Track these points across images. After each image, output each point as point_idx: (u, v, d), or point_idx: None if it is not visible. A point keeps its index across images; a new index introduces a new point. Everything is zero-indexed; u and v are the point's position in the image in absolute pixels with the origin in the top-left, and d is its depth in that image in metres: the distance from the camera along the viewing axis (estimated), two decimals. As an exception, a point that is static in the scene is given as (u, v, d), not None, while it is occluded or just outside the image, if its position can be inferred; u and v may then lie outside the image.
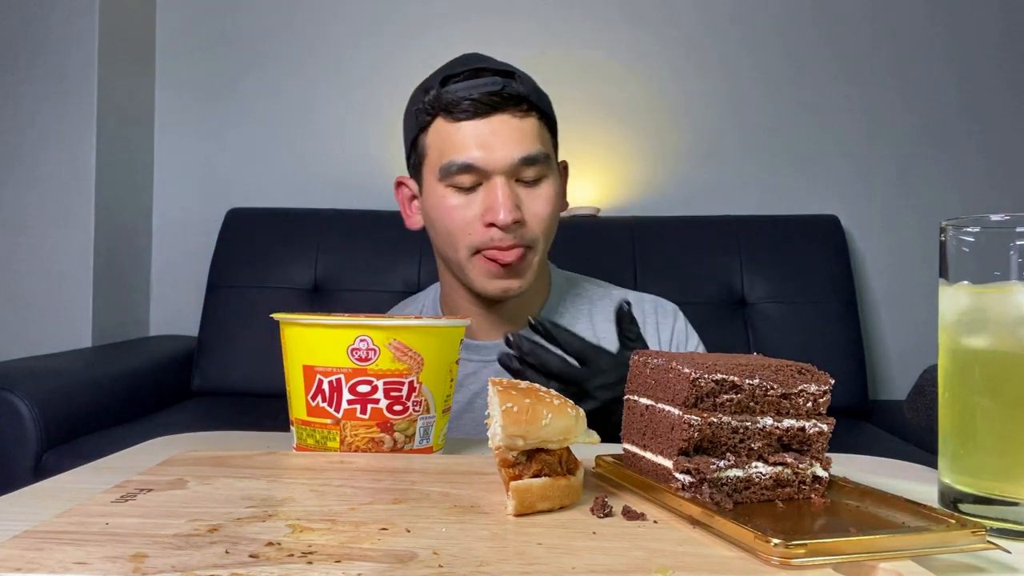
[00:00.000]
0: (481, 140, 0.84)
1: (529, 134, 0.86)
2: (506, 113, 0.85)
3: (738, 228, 1.99)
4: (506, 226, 0.84)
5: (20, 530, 0.38)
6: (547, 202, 0.88)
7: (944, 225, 0.50)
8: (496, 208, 0.84)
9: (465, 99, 0.84)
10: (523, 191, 0.87)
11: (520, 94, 0.85)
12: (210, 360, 1.94)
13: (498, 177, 0.85)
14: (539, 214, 0.88)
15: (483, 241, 0.86)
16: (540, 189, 0.88)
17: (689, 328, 1.02)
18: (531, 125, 0.87)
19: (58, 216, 1.95)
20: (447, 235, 0.88)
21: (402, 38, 2.22)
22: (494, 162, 0.84)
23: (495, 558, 0.36)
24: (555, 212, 0.90)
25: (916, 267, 2.15)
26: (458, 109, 0.85)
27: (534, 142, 0.86)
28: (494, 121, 0.85)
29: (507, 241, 0.85)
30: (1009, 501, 0.46)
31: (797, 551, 0.36)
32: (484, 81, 0.85)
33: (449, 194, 0.87)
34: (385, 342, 0.58)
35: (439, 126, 0.87)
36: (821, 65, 2.21)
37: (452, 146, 0.85)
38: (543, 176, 0.88)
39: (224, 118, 2.24)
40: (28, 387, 1.40)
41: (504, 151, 0.84)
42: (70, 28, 1.95)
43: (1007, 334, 0.47)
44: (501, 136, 0.84)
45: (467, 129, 0.85)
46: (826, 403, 0.49)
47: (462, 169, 0.85)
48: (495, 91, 0.84)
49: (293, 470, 0.53)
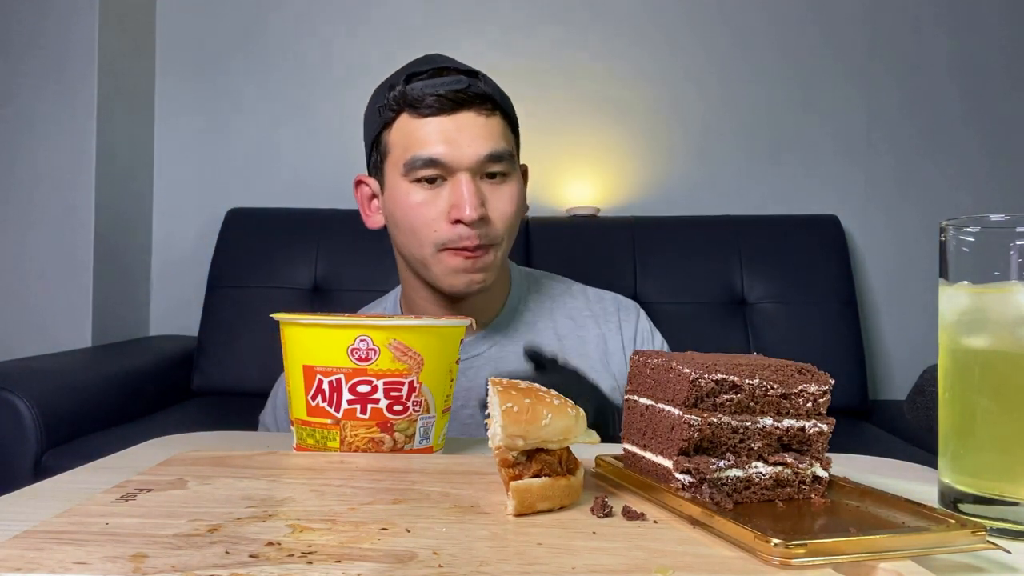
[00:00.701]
0: (447, 136, 0.84)
1: (495, 132, 0.86)
2: (471, 111, 0.85)
3: (738, 228, 1.99)
4: (472, 222, 0.84)
5: (20, 530, 0.38)
6: (511, 201, 0.89)
7: (944, 225, 0.50)
8: (462, 205, 0.83)
9: (431, 95, 0.84)
10: (488, 189, 0.87)
11: (485, 93, 0.86)
12: (210, 360, 1.94)
13: (463, 174, 0.85)
14: (504, 212, 0.88)
15: (449, 238, 0.85)
16: (504, 187, 0.88)
17: (653, 327, 1.02)
18: (496, 123, 0.87)
19: (58, 216, 1.95)
20: (411, 232, 0.88)
21: (402, 39, 2.22)
22: (460, 158, 0.84)
23: (495, 558, 0.36)
24: (519, 211, 0.91)
25: (916, 267, 2.15)
26: (423, 105, 0.84)
27: (499, 140, 0.87)
28: (460, 118, 0.85)
29: (473, 240, 0.85)
30: (1009, 501, 0.46)
31: (797, 551, 0.36)
32: (449, 79, 0.85)
33: (413, 190, 0.86)
34: (385, 342, 0.58)
35: (404, 122, 0.86)
36: (821, 65, 2.21)
37: (417, 141, 0.85)
38: (507, 174, 0.88)
39: (224, 118, 2.24)
40: (28, 387, 1.40)
41: (470, 148, 0.84)
42: (70, 27, 1.95)
43: (1007, 334, 0.47)
44: (467, 133, 0.84)
45: (432, 125, 0.85)
46: (826, 403, 0.49)
47: (427, 164, 0.84)
48: (461, 89, 0.84)
49: (293, 470, 0.53)
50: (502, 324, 0.97)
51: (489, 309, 0.96)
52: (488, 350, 0.95)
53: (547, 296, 1.02)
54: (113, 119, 2.03)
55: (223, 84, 2.25)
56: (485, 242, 0.86)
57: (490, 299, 0.96)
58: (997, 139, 2.19)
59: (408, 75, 0.87)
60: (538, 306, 1.00)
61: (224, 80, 2.25)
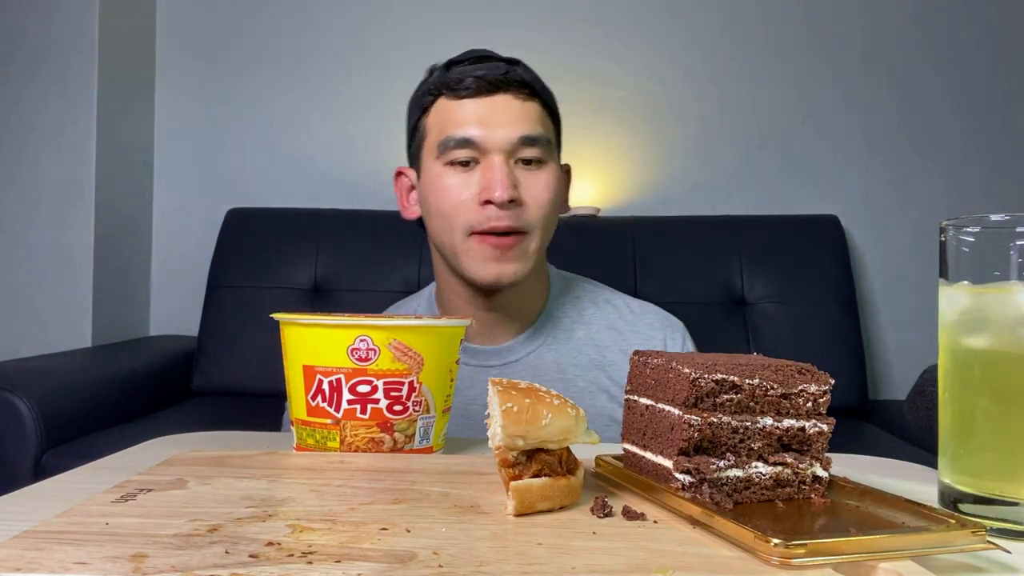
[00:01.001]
0: (481, 118, 0.84)
1: (530, 116, 0.86)
2: (508, 94, 0.85)
3: (738, 228, 1.99)
4: (502, 203, 0.82)
5: (20, 530, 0.38)
6: (547, 188, 0.86)
7: (944, 225, 0.50)
8: (493, 185, 0.82)
9: (469, 76, 0.84)
10: (522, 174, 0.85)
11: (523, 79, 0.86)
12: (210, 360, 1.93)
13: (496, 155, 0.84)
14: (538, 198, 0.86)
15: (479, 220, 0.83)
16: (540, 173, 0.86)
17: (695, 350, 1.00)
18: (533, 109, 0.86)
19: (58, 216, 1.95)
20: (442, 216, 0.86)
21: (402, 39, 2.22)
22: (493, 140, 0.83)
23: (495, 558, 0.36)
24: (555, 201, 0.88)
25: (916, 267, 2.15)
26: (461, 87, 0.85)
27: (535, 124, 0.86)
28: (496, 100, 0.85)
29: (504, 220, 0.83)
30: (1009, 501, 0.46)
31: (797, 551, 0.36)
32: (488, 65, 0.86)
33: (446, 173, 0.86)
34: (385, 342, 0.58)
35: (440, 105, 0.87)
36: (822, 66, 2.21)
37: (452, 123, 0.85)
38: (543, 161, 0.87)
39: (224, 118, 2.24)
40: (28, 387, 1.40)
41: (504, 129, 0.84)
42: (71, 29, 1.95)
43: (1007, 334, 0.47)
44: (502, 115, 0.84)
45: (468, 106, 0.85)
46: (826, 403, 0.49)
47: (460, 144, 0.84)
48: (499, 74, 0.85)
49: (293, 470, 0.53)
50: (540, 330, 0.94)
51: (526, 311, 0.94)
52: (525, 356, 0.93)
53: (588, 303, 0.98)
54: (113, 119, 2.03)
55: (223, 84, 2.25)
56: (517, 226, 0.84)
57: (527, 301, 0.94)
58: (997, 139, 2.19)
59: (449, 62, 0.88)
60: (577, 313, 0.97)
61: (224, 80, 2.25)
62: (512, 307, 0.92)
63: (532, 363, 0.92)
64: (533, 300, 0.95)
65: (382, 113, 2.21)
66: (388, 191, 2.17)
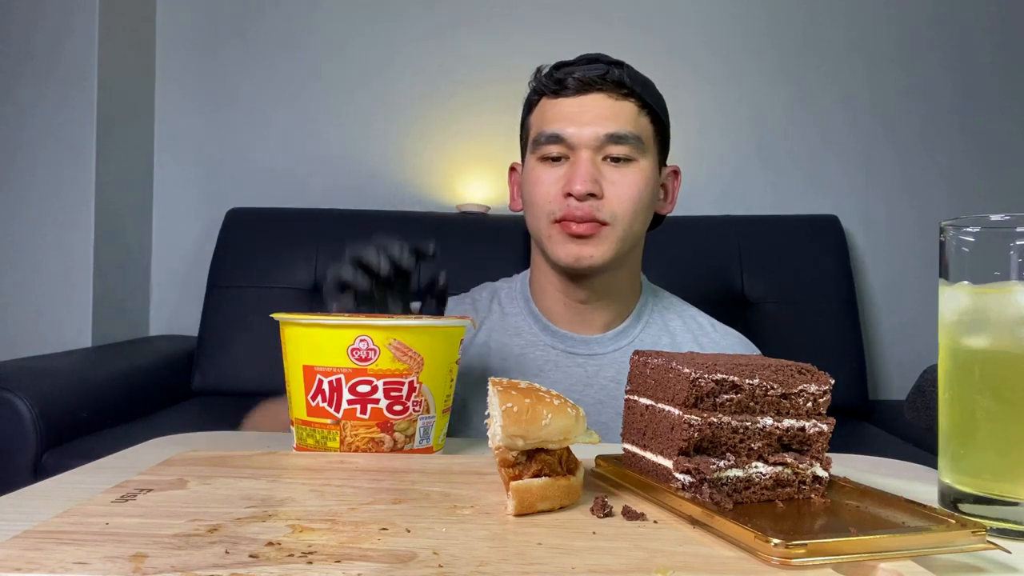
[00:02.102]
0: (572, 115, 0.88)
1: (621, 114, 0.88)
2: (603, 93, 0.88)
3: (738, 228, 1.99)
4: (581, 196, 0.85)
5: (20, 530, 0.38)
6: (631, 185, 0.88)
7: (944, 225, 0.50)
8: (574, 179, 0.86)
9: (569, 77, 0.88)
10: (609, 170, 0.88)
11: (621, 80, 0.89)
12: (210, 360, 1.93)
13: (583, 151, 0.87)
14: (620, 195, 0.88)
15: (560, 209, 0.87)
16: (627, 171, 0.88)
17: None
18: (626, 107, 0.89)
19: (58, 216, 1.95)
20: (532, 206, 0.91)
21: (404, 40, 2.22)
22: (580, 136, 0.87)
23: (495, 558, 0.36)
24: (640, 198, 0.89)
25: (916, 267, 2.15)
26: (561, 87, 0.89)
27: (625, 123, 0.88)
28: (588, 99, 0.88)
29: (582, 209, 0.86)
30: (1009, 501, 0.46)
31: (797, 551, 0.36)
32: (590, 67, 0.89)
33: (539, 167, 0.90)
34: (385, 342, 0.58)
35: (542, 104, 0.92)
36: (821, 65, 2.21)
37: (547, 120, 0.89)
38: (632, 159, 0.88)
39: (224, 118, 2.24)
40: (28, 387, 1.40)
41: (592, 126, 0.87)
42: (70, 28, 1.95)
43: (1007, 334, 0.47)
44: (592, 112, 0.87)
45: (563, 105, 0.89)
46: (826, 403, 0.49)
47: (550, 139, 0.88)
48: (596, 74, 0.88)
49: (293, 470, 0.53)
50: (628, 331, 0.96)
51: (614, 308, 0.96)
52: (611, 353, 0.94)
53: (674, 315, 1.01)
54: (113, 119, 2.03)
55: (223, 84, 2.25)
56: (598, 217, 0.87)
57: (615, 297, 0.96)
58: (998, 140, 2.19)
59: (559, 64, 0.92)
60: (663, 323, 0.99)
61: (225, 80, 2.25)
62: (600, 300, 0.95)
63: (618, 359, 0.94)
64: (623, 298, 0.97)
65: (383, 114, 2.21)
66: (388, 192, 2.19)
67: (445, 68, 2.22)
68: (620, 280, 0.95)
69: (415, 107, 2.21)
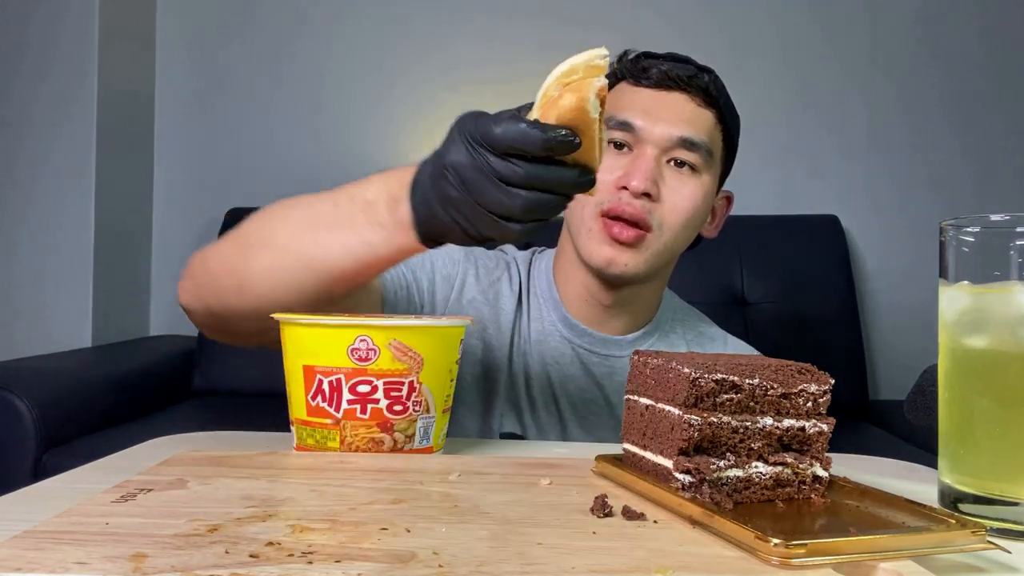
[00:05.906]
0: (649, 108, 0.83)
1: (699, 121, 0.84)
2: (686, 94, 0.84)
3: (738, 228, 1.99)
4: (636, 192, 0.81)
5: (20, 530, 0.38)
6: (690, 196, 0.84)
7: (944, 225, 0.50)
8: (633, 173, 0.81)
9: (655, 68, 0.84)
10: (671, 174, 0.84)
11: (707, 87, 0.85)
12: (210, 360, 1.93)
13: (649, 147, 0.82)
14: (676, 203, 0.83)
15: (610, 200, 0.82)
16: (689, 180, 0.84)
17: None
18: (704, 115, 0.85)
19: (58, 216, 1.95)
20: None
21: (404, 39, 2.22)
22: (651, 132, 0.82)
23: (495, 558, 0.36)
24: (695, 211, 0.85)
25: (916, 267, 2.15)
26: (644, 76, 0.85)
27: (701, 130, 0.84)
28: (668, 96, 0.84)
29: (633, 206, 0.81)
30: (1009, 501, 0.46)
31: (797, 551, 0.36)
32: (679, 65, 0.85)
33: None
34: (385, 342, 0.58)
35: (620, 88, 0.87)
36: (821, 65, 2.21)
37: (621, 106, 0.84)
38: (697, 169, 0.84)
39: (224, 118, 2.24)
40: (28, 387, 1.40)
41: (665, 124, 0.82)
42: (70, 27, 1.95)
43: (1007, 334, 0.47)
44: (669, 110, 0.83)
45: (641, 94, 0.85)
46: (826, 403, 0.49)
47: (619, 126, 0.83)
48: (686, 74, 0.84)
49: (293, 470, 0.53)
50: (648, 336, 0.94)
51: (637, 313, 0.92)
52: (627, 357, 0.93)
53: (691, 329, 0.98)
54: (113, 118, 2.03)
55: (223, 84, 2.25)
56: (646, 219, 0.81)
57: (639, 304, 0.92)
58: (998, 139, 2.19)
59: (646, 52, 0.88)
60: (682, 334, 0.96)
61: (224, 80, 2.25)
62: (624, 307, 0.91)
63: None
64: (646, 305, 0.94)
65: (383, 113, 2.21)
66: (388, 191, 2.18)
67: (446, 68, 2.21)
68: (646, 292, 0.91)
69: (415, 107, 2.21)
